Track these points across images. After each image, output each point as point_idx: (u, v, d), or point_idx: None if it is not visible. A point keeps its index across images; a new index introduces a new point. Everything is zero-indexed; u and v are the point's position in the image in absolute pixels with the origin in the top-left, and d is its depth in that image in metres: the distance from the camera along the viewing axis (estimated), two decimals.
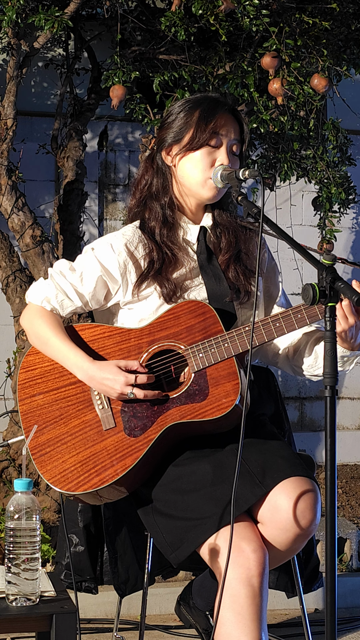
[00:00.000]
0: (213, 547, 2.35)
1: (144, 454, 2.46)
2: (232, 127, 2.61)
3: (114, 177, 4.93)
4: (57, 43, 4.52)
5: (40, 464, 2.54)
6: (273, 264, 2.79)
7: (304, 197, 5.13)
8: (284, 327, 2.48)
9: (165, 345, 2.54)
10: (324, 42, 3.78)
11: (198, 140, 2.59)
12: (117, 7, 3.80)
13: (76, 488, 2.49)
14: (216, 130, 2.59)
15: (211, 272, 2.64)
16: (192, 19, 3.69)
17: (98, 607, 3.57)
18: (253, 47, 3.88)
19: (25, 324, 2.67)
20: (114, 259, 2.63)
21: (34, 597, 2.13)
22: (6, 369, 4.42)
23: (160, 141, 2.68)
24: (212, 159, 2.60)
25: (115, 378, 2.48)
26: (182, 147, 2.62)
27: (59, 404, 2.58)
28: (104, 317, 2.75)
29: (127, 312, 2.65)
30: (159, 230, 2.65)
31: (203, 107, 2.61)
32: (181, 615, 2.99)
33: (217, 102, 2.64)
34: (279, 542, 2.39)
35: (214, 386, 2.46)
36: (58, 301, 2.64)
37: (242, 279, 2.63)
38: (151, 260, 2.61)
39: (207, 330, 2.51)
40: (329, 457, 2.05)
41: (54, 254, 4.03)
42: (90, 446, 2.51)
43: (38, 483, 4.03)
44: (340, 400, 5.29)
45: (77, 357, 2.55)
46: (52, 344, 2.59)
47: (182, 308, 2.55)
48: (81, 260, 2.67)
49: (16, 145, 4.17)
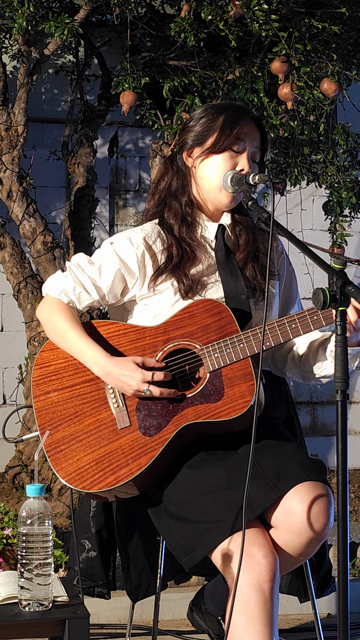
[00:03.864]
0: (225, 552, 2.35)
1: (159, 453, 2.46)
2: (255, 135, 2.66)
3: (125, 182, 4.93)
4: (67, 50, 4.53)
5: (55, 462, 2.53)
6: (290, 270, 2.80)
7: (314, 201, 5.13)
8: (300, 328, 2.48)
9: (180, 344, 2.54)
10: (333, 46, 3.78)
11: (222, 144, 2.61)
12: (127, 14, 3.81)
13: (91, 486, 2.49)
14: (240, 137, 2.62)
15: (228, 269, 2.64)
16: (201, 25, 3.70)
17: (111, 613, 3.57)
18: (263, 52, 3.88)
19: (42, 316, 2.66)
20: (132, 252, 2.63)
21: (47, 602, 2.13)
22: (18, 375, 4.42)
23: (182, 143, 2.70)
24: (233, 163, 2.62)
25: (133, 374, 2.48)
26: (205, 149, 2.64)
27: (74, 401, 2.58)
28: (118, 313, 2.75)
29: (142, 307, 2.65)
30: (178, 228, 2.66)
31: (229, 113, 2.65)
32: (193, 621, 2.99)
33: (243, 110, 2.69)
34: (292, 546, 2.39)
35: (229, 386, 2.46)
36: (75, 294, 2.63)
37: (259, 278, 2.63)
38: (170, 254, 2.63)
39: (222, 329, 2.51)
40: (341, 461, 2.05)
41: (65, 260, 4.04)
42: (105, 444, 2.51)
43: (50, 488, 4.04)
44: (352, 405, 5.28)
45: (94, 352, 2.55)
46: (69, 338, 2.58)
47: (198, 307, 2.55)
48: (100, 254, 2.67)
49: (27, 152, 4.18)
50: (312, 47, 3.72)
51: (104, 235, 4.83)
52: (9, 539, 3.42)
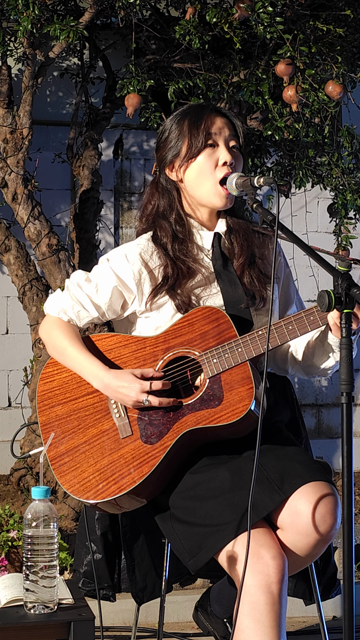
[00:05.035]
0: (231, 554, 2.35)
1: (161, 460, 2.46)
2: (223, 124, 2.65)
3: (130, 185, 4.94)
4: (72, 52, 4.53)
5: (60, 474, 2.55)
6: (288, 271, 2.80)
7: (319, 204, 5.13)
8: (297, 329, 2.48)
9: (180, 352, 2.54)
10: (338, 48, 3.78)
11: (196, 145, 2.62)
12: (132, 16, 3.81)
13: (95, 497, 2.49)
14: (209, 131, 2.63)
15: (227, 278, 2.64)
16: (206, 27, 3.70)
17: (116, 615, 3.57)
18: (267, 54, 3.88)
19: (43, 335, 2.70)
20: (129, 269, 2.64)
21: (52, 605, 2.14)
22: (23, 377, 4.43)
23: (160, 161, 2.71)
24: (214, 159, 2.62)
25: (131, 386, 2.50)
26: (183, 158, 2.64)
27: (77, 413, 2.59)
28: (122, 325, 2.76)
29: (144, 320, 2.66)
30: (171, 246, 2.66)
31: (190, 115, 2.65)
32: (199, 623, 2.99)
33: (201, 106, 2.70)
34: (299, 547, 2.39)
35: (228, 391, 2.46)
36: (74, 312, 2.65)
37: (257, 285, 2.63)
38: (165, 275, 2.63)
39: (221, 335, 2.52)
40: (346, 463, 2.05)
41: (70, 262, 4.04)
42: (108, 455, 2.52)
43: (55, 491, 4.04)
44: (358, 407, 5.27)
45: (93, 366, 2.57)
46: (68, 354, 2.61)
47: (196, 315, 2.55)
48: (97, 271, 2.68)
49: (32, 155, 4.19)
50: (317, 50, 3.72)
51: (108, 238, 4.83)
52: (14, 541, 3.42)
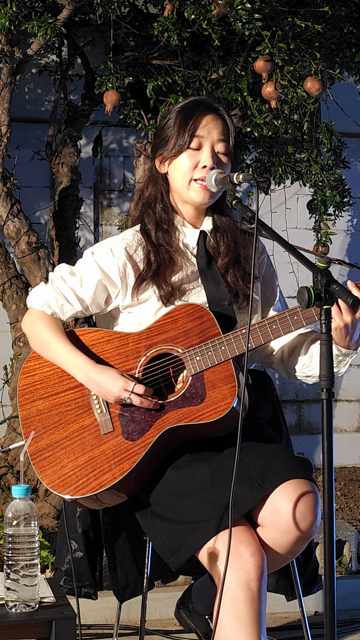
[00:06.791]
0: (212, 551, 2.35)
1: (142, 457, 2.46)
2: (213, 126, 2.61)
3: (109, 182, 4.93)
4: (50, 49, 4.52)
5: (40, 469, 2.54)
6: (271, 270, 2.80)
7: (299, 200, 5.14)
8: (280, 329, 2.48)
9: (162, 349, 2.54)
10: (316, 45, 3.79)
11: (179, 145, 2.60)
12: (110, 13, 3.80)
13: (75, 492, 2.49)
14: (195, 133, 2.59)
15: (210, 276, 2.64)
16: (184, 24, 3.70)
17: (98, 613, 3.57)
18: (246, 51, 3.88)
19: (26, 328, 2.68)
20: (114, 262, 2.63)
21: (33, 604, 2.13)
22: (3, 376, 4.41)
23: (153, 149, 2.70)
24: (195, 160, 2.60)
25: (115, 382, 2.49)
26: (169, 153, 2.63)
27: (59, 408, 2.58)
28: (105, 321, 2.75)
29: (127, 316, 2.66)
30: (155, 234, 2.66)
31: (184, 112, 2.62)
32: (181, 620, 2.99)
33: (197, 104, 2.65)
34: (280, 544, 2.40)
35: (211, 389, 2.46)
36: (58, 305, 2.64)
37: (240, 283, 2.63)
38: (148, 261, 2.62)
39: (204, 333, 2.52)
40: (327, 459, 2.06)
41: (49, 260, 4.03)
42: (89, 450, 2.52)
43: (36, 489, 4.03)
44: (338, 403, 5.29)
45: (77, 359, 2.56)
46: (52, 347, 2.60)
47: (180, 312, 2.55)
48: (81, 265, 2.67)
49: (11, 152, 4.17)
50: (296, 46, 3.72)
51: (88, 235, 4.82)
52: None
